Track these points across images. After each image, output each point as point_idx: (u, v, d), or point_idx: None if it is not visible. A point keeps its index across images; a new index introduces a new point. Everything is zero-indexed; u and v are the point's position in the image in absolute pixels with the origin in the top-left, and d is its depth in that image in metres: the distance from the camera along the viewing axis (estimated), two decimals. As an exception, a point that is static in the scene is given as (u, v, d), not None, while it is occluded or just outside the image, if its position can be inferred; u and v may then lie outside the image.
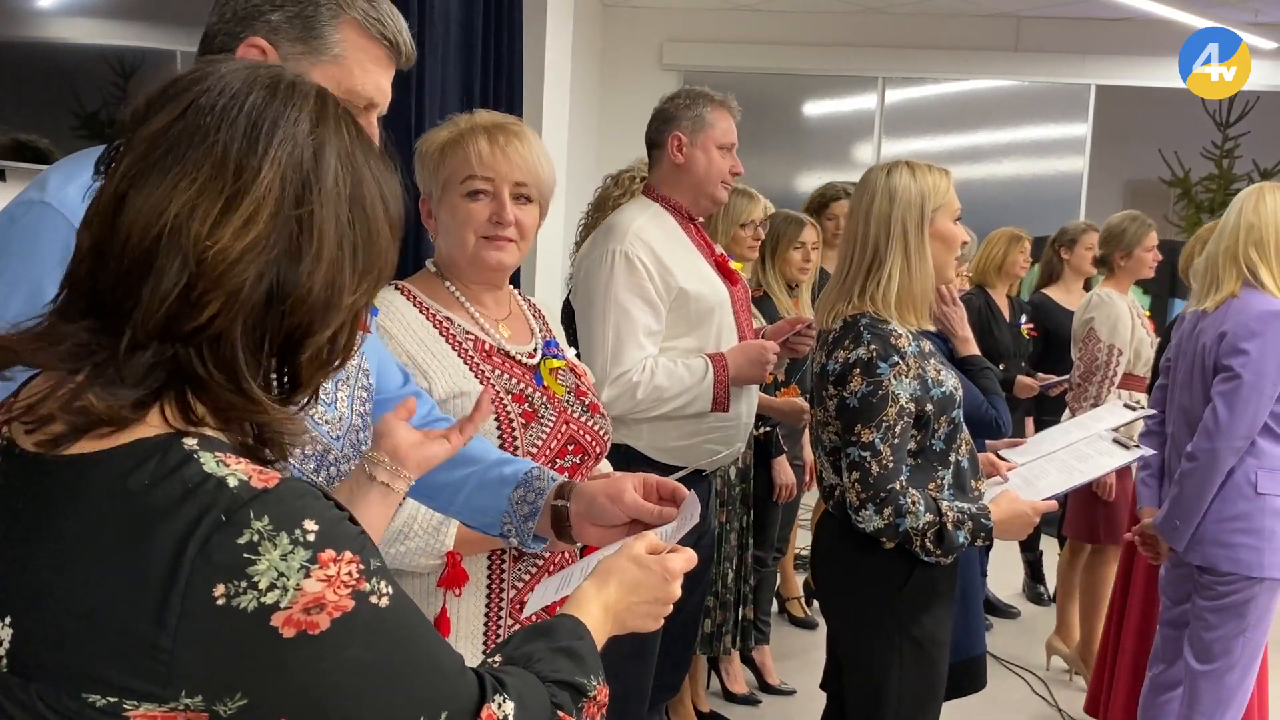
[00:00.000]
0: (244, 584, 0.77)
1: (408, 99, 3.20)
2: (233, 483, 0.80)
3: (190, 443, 0.83)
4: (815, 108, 7.92)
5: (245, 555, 0.77)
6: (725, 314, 2.73)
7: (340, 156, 0.88)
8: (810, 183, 5.98)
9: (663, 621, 1.16)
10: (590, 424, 1.88)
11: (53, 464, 0.83)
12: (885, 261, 2.20)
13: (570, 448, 1.84)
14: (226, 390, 0.84)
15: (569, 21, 5.09)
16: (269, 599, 0.77)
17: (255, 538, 0.78)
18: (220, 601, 0.77)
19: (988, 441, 2.65)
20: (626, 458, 2.63)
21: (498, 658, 1.00)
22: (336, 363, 0.91)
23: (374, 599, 0.82)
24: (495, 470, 1.48)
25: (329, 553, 0.80)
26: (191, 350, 0.83)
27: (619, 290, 2.56)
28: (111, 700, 0.78)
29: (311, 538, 0.80)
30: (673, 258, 2.64)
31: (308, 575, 0.79)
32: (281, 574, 0.78)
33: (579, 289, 2.70)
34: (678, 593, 1.15)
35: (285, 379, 0.89)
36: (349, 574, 0.81)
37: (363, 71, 1.30)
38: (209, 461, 0.81)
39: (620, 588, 1.12)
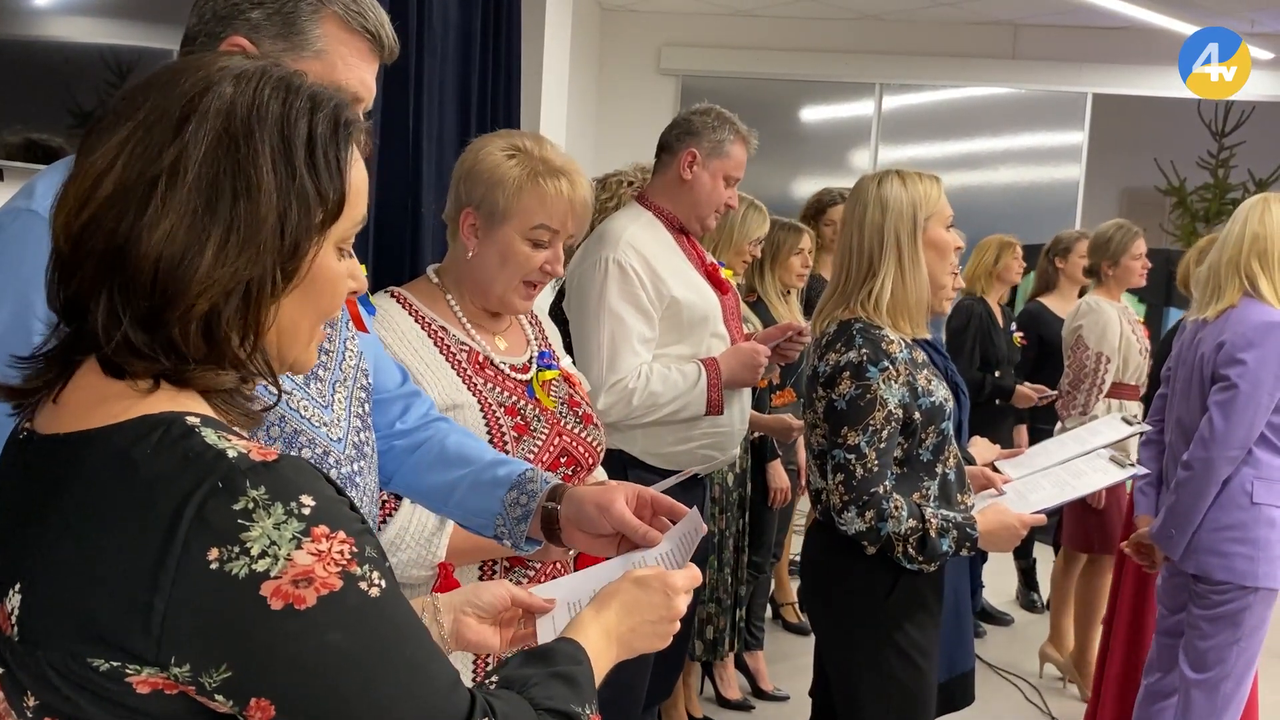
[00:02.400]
0: (237, 549, 0.78)
1: (405, 103, 3.20)
2: (232, 454, 0.81)
3: (193, 420, 0.84)
4: (813, 114, 7.93)
5: (239, 521, 0.78)
6: (716, 322, 2.74)
7: (222, 119, 0.85)
8: (807, 189, 5.98)
9: (671, 640, 1.14)
10: (583, 435, 1.88)
11: (64, 441, 0.85)
12: (879, 271, 2.21)
13: (563, 459, 1.83)
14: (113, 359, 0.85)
15: (567, 25, 5.09)
16: (260, 566, 0.78)
17: (250, 505, 0.79)
18: (214, 566, 0.77)
19: (986, 451, 2.65)
20: (621, 463, 2.62)
21: (493, 680, 0.98)
22: (246, 341, 0.87)
23: (363, 585, 0.82)
24: (489, 472, 1.46)
25: (323, 528, 0.80)
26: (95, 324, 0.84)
27: (613, 298, 2.54)
28: (114, 665, 0.79)
29: (307, 511, 0.80)
30: (664, 266, 2.63)
31: (299, 546, 0.79)
32: (273, 542, 0.78)
33: (572, 296, 2.68)
34: (683, 609, 1.13)
35: (162, 346, 0.85)
36: (340, 553, 0.81)
37: (346, 66, 1.27)
38: (210, 435, 0.83)
39: (621, 610, 1.10)
